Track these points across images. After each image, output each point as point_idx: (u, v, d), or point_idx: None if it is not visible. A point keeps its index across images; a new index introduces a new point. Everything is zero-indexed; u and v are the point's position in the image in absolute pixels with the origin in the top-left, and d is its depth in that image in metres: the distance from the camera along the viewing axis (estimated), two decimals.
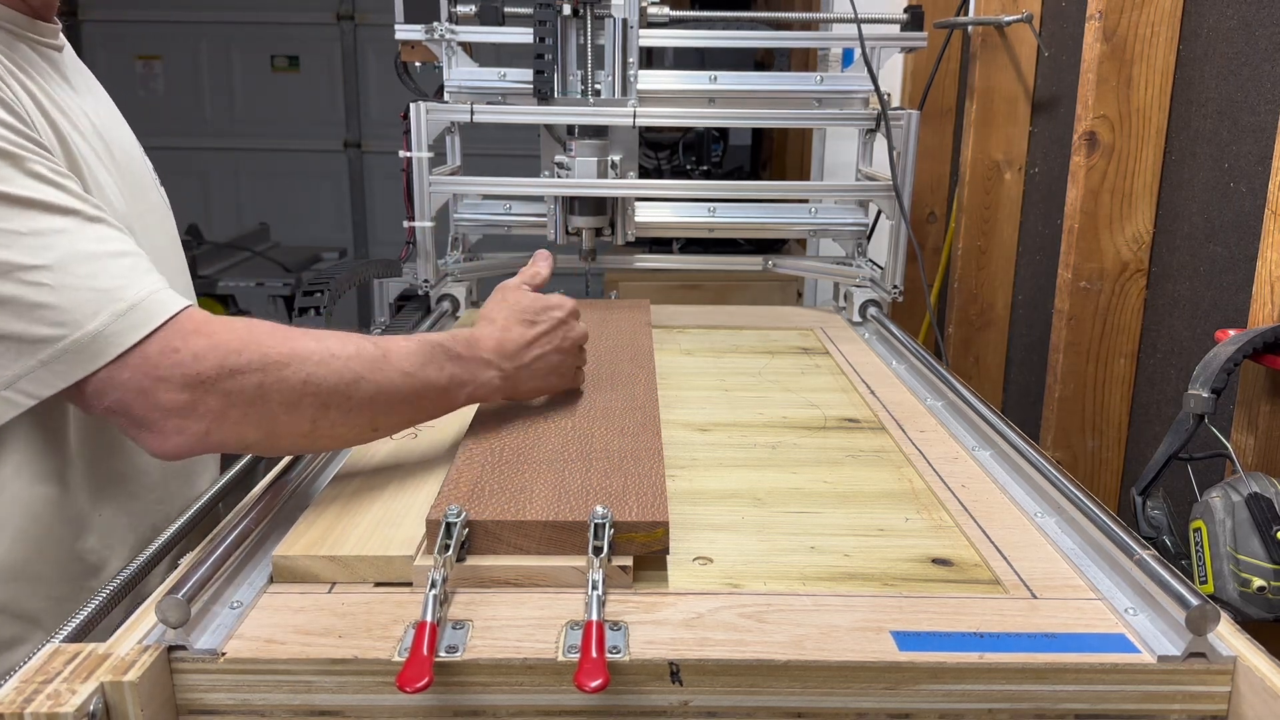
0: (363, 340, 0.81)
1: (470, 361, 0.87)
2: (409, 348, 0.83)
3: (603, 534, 0.70)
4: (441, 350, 0.85)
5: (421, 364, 0.83)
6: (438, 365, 0.84)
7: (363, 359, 0.79)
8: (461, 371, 0.86)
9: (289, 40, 4.92)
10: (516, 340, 0.92)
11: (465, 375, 0.86)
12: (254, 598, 0.69)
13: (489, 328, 0.92)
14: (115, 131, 1.03)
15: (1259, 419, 0.99)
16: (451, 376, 0.85)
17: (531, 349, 0.92)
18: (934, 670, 0.62)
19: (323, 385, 0.76)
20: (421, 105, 1.46)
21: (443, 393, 0.85)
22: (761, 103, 1.63)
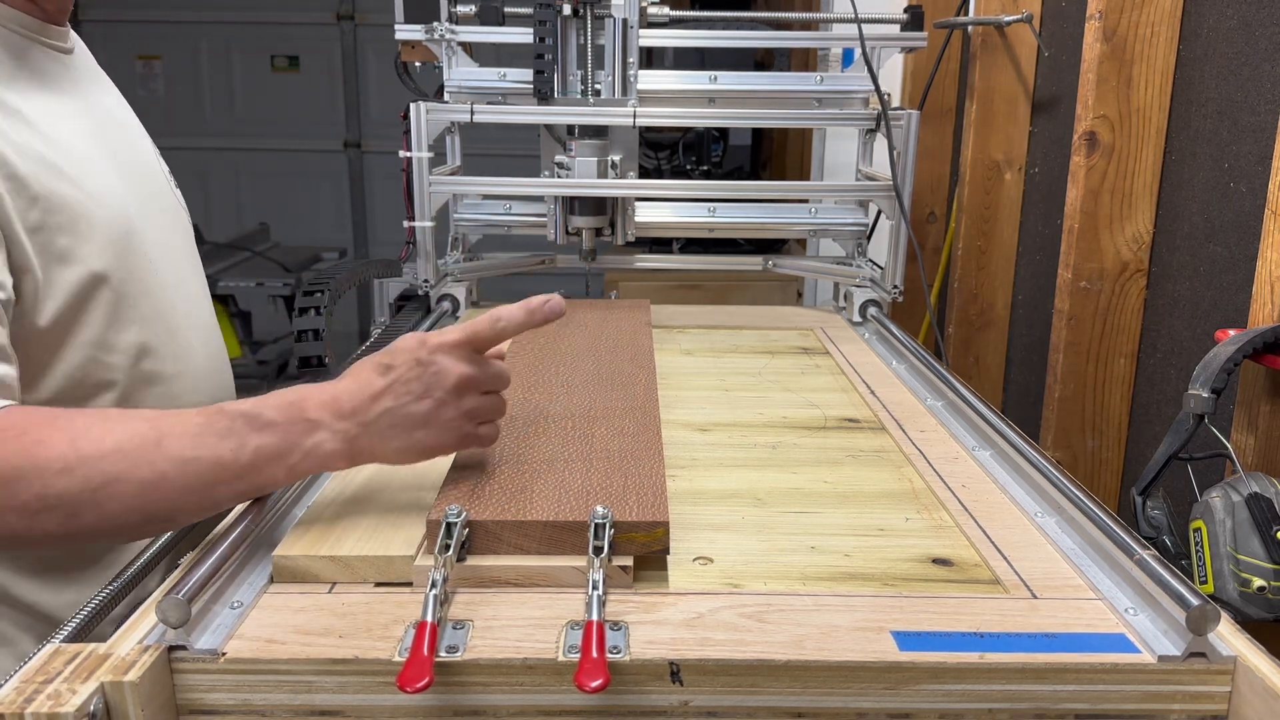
0: (138, 426, 0.72)
1: (287, 427, 0.72)
2: (192, 426, 0.72)
3: (603, 534, 0.70)
4: (243, 421, 0.72)
5: (208, 444, 0.71)
6: (235, 440, 0.71)
7: (124, 453, 0.70)
8: (274, 441, 0.72)
9: (289, 40, 4.92)
10: (359, 393, 0.74)
11: (280, 445, 0.72)
12: (254, 598, 0.69)
13: (336, 382, 0.77)
14: (124, 132, 1.03)
15: (1259, 419, 0.99)
16: (258, 450, 0.71)
17: (380, 401, 0.74)
18: (934, 670, 0.62)
19: (65, 495, 0.69)
20: (421, 105, 1.46)
21: (249, 470, 0.71)
22: (761, 103, 1.63)
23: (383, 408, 0.74)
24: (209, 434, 0.71)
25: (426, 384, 0.74)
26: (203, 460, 0.71)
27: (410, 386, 0.74)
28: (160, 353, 0.95)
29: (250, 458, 0.71)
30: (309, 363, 1.05)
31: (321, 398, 0.74)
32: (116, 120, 1.03)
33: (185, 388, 0.97)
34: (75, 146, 0.91)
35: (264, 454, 0.72)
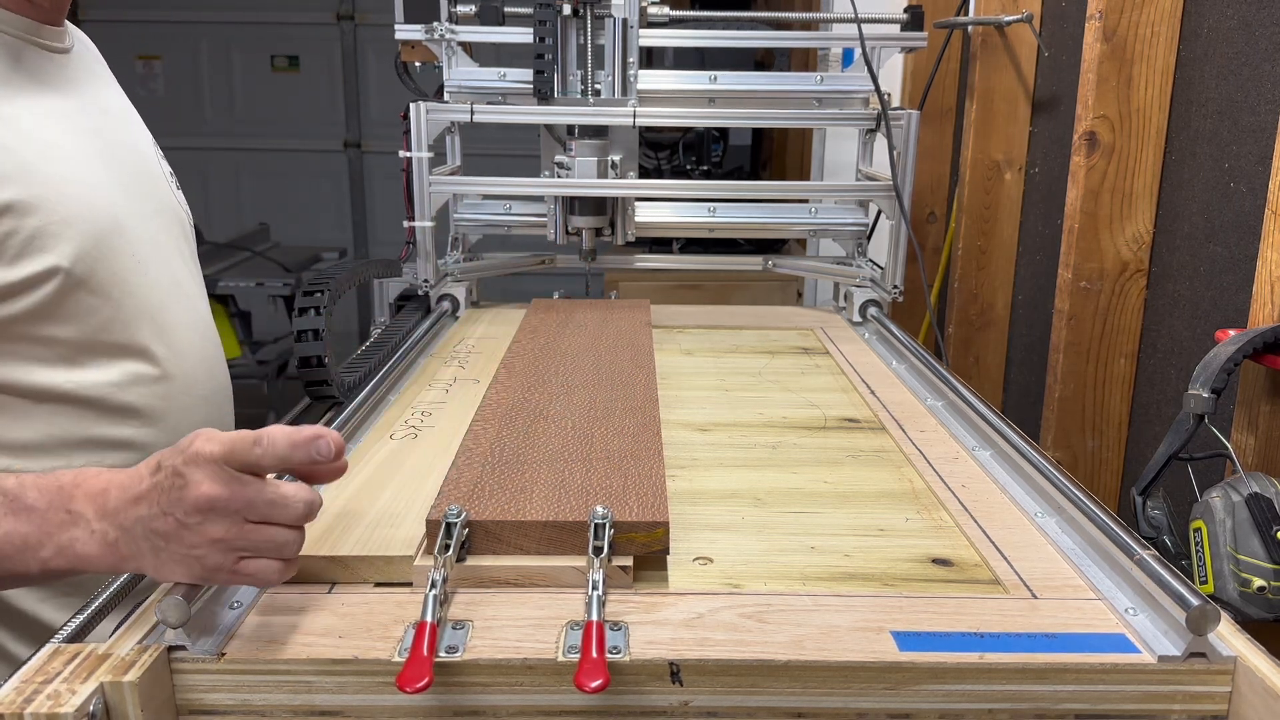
0: None
1: (45, 514, 0.65)
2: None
3: (603, 534, 0.70)
4: (3, 499, 0.66)
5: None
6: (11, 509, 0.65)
7: None
8: (27, 530, 0.65)
9: (289, 40, 4.91)
10: (126, 490, 0.65)
11: (33, 535, 0.65)
12: (254, 598, 0.69)
13: (120, 471, 0.68)
14: (122, 131, 1.03)
15: (1259, 419, 0.99)
16: (7, 536, 0.65)
17: (138, 506, 0.64)
18: (934, 670, 0.62)
19: None
20: (421, 105, 1.46)
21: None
22: (761, 103, 1.63)
23: (137, 515, 0.64)
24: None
25: (171, 498, 0.63)
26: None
27: (161, 497, 0.63)
28: (148, 353, 0.94)
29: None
30: (309, 363, 1.05)
31: (94, 487, 0.66)
32: (114, 119, 1.02)
33: (177, 388, 0.97)
34: (60, 145, 0.90)
35: (13, 541, 0.65)
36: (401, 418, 1.05)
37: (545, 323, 1.37)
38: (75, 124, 0.94)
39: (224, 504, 0.62)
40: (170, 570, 0.64)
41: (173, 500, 0.62)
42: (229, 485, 0.62)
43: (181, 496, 0.62)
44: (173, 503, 0.62)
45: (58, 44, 0.96)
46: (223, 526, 0.62)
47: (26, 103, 0.89)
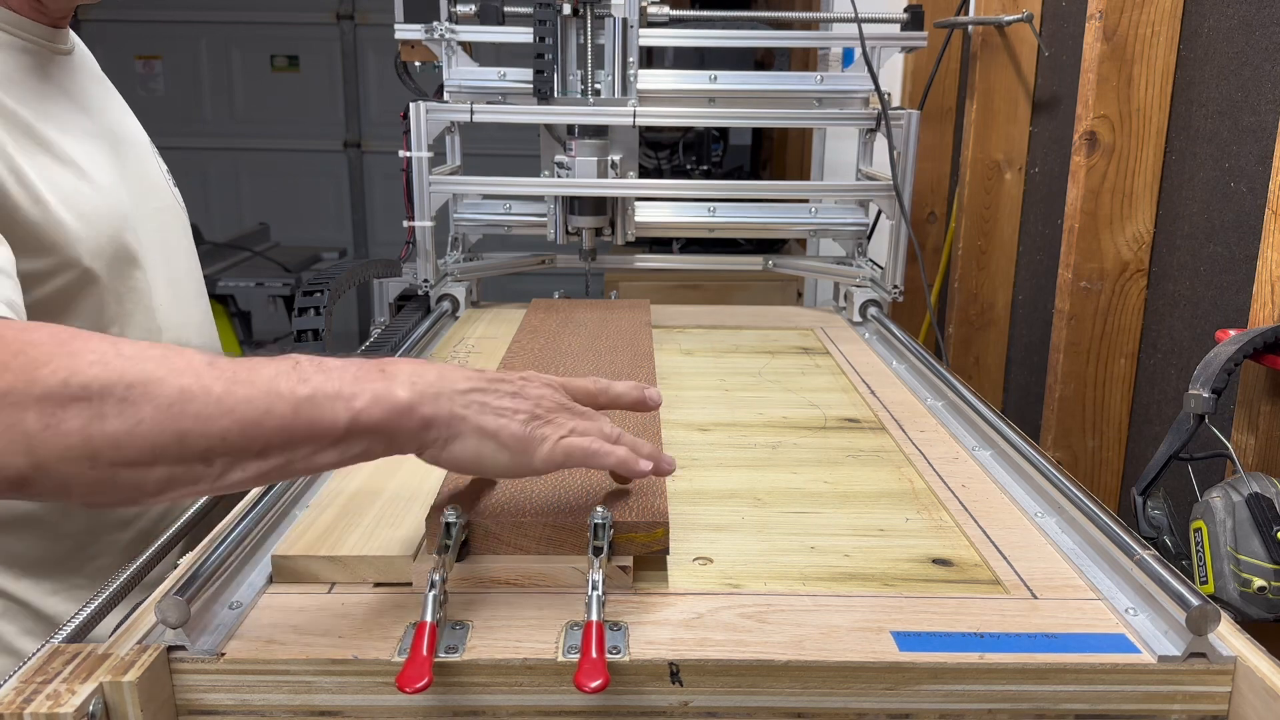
0: (190, 351, 0.64)
1: (358, 371, 0.64)
2: (249, 359, 0.65)
3: (603, 534, 0.70)
4: (308, 360, 0.65)
5: (265, 371, 0.63)
6: (296, 374, 0.63)
7: (169, 360, 0.61)
8: (340, 380, 0.63)
9: (289, 40, 4.91)
10: (446, 371, 0.68)
11: (345, 384, 0.63)
12: (254, 598, 0.69)
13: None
14: (124, 130, 1.03)
15: (1259, 419, 0.99)
16: (320, 385, 0.63)
17: (461, 381, 0.68)
18: (934, 670, 0.62)
19: (92, 385, 0.58)
20: (421, 105, 1.46)
21: (306, 404, 0.61)
22: (761, 102, 1.63)
23: (469, 386, 0.67)
24: (268, 364, 0.63)
25: (500, 378, 0.70)
26: (255, 383, 0.61)
27: (488, 381, 0.69)
28: None
29: (310, 391, 0.62)
30: None
31: (401, 363, 0.67)
32: (116, 119, 1.03)
33: None
34: (81, 151, 0.91)
35: (326, 390, 0.62)
36: None
37: (545, 323, 1.37)
38: (88, 128, 0.95)
39: (558, 387, 0.72)
40: (477, 420, 0.66)
41: (502, 379, 0.69)
42: (561, 390, 0.72)
43: (512, 378, 0.70)
44: (502, 380, 0.69)
45: (63, 46, 0.96)
46: (554, 398, 0.71)
47: (55, 116, 0.90)
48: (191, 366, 0.61)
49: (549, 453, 0.68)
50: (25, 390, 0.57)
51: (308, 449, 0.62)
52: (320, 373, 0.63)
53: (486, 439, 0.66)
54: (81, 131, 0.94)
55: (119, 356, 0.60)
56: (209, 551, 0.69)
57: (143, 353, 0.61)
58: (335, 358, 0.66)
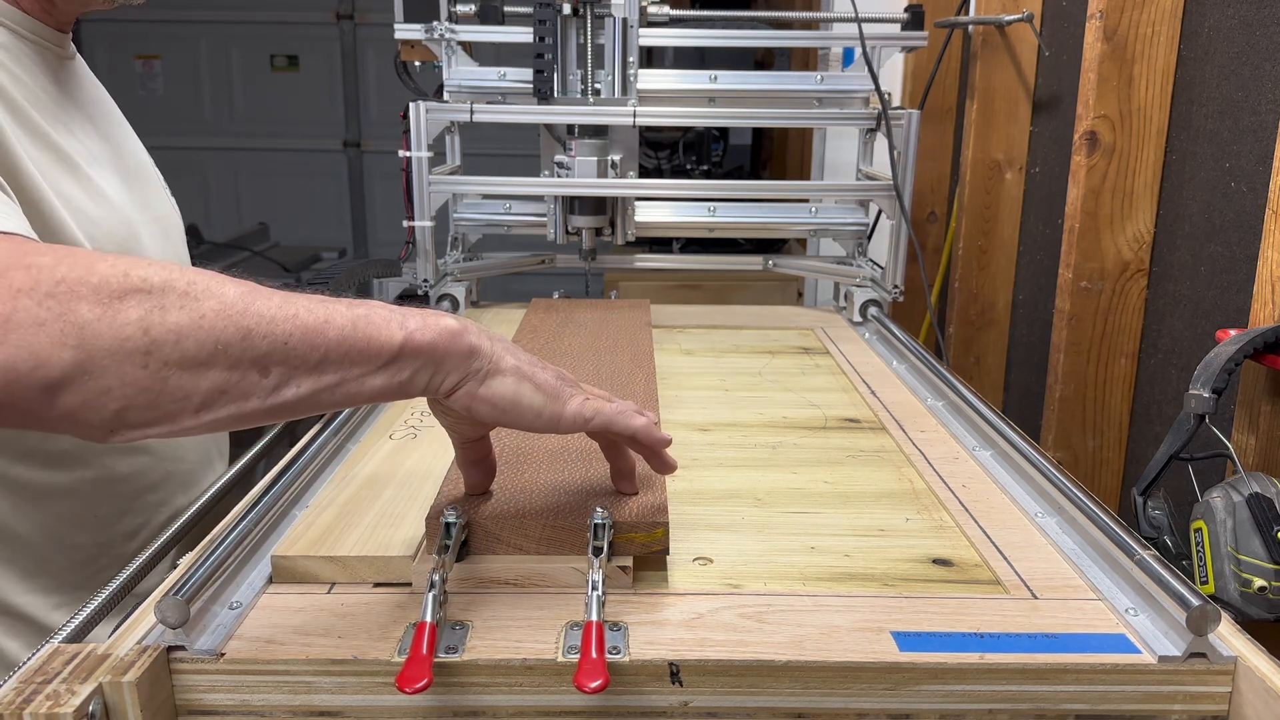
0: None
1: (411, 310, 0.66)
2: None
3: (603, 534, 0.70)
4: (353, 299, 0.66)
5: (317, 296, 0.63)
6: (349, 300, 0.64)
7: (223, 275, 0.61)
8: (384, 308, 0.64)
9: (289, 40, 4.91)
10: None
11: (398, 313, 0.64)
12: (253, 598, 0.69)
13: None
14: (122, 137, 1.03)
15: (1260, 419, 0.99)
16: (371, 309, 0.63)
17: (507, 342, 0.70)
18: (934, 671, 0.62)
19: (151, 280, 0.56)
20: (421, 105, 1.46)
21: (361, 321, 0.61)
22: (761, 102, 1.63)
23: (504, 340, 0.69)
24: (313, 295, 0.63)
25: (542, 363, 0.71)
26: (312, 299, 0.61)
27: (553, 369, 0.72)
28: None
29: (365, 310, 0.62)
30: None
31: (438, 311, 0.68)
32: (117, 127, 1.03)
33: None
34: (96, 167, 0.92)
35: (380, 311, 0.63)
36: (401, 418, 1.05)
37: (545, 323, 1.37)
38: (94, 138, 0.96)
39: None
40: (515, 362, 0.67)
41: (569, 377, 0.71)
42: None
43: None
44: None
45: (67, 51, 0.96)
46: (574, 380, 0.72)
47: (67, 125, 0.90)
48: (246, 281, 0.60)
49: (580, 406, 0.69)
50: (81, 279, 0.54)
51: (360, 369, 0.61)
52: (368, 303, 0.63)
53: (524, 380, 0.66)
54: (91, 141, 0.93)
55: (177, 265, 0.58)
56: (209, 551, 0.69)
57: (198, 270, 0.60)
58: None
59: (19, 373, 0.52)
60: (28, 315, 0.52)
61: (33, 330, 0.52)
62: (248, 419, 0.60)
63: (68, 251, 0.57)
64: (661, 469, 0.76)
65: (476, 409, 0.66)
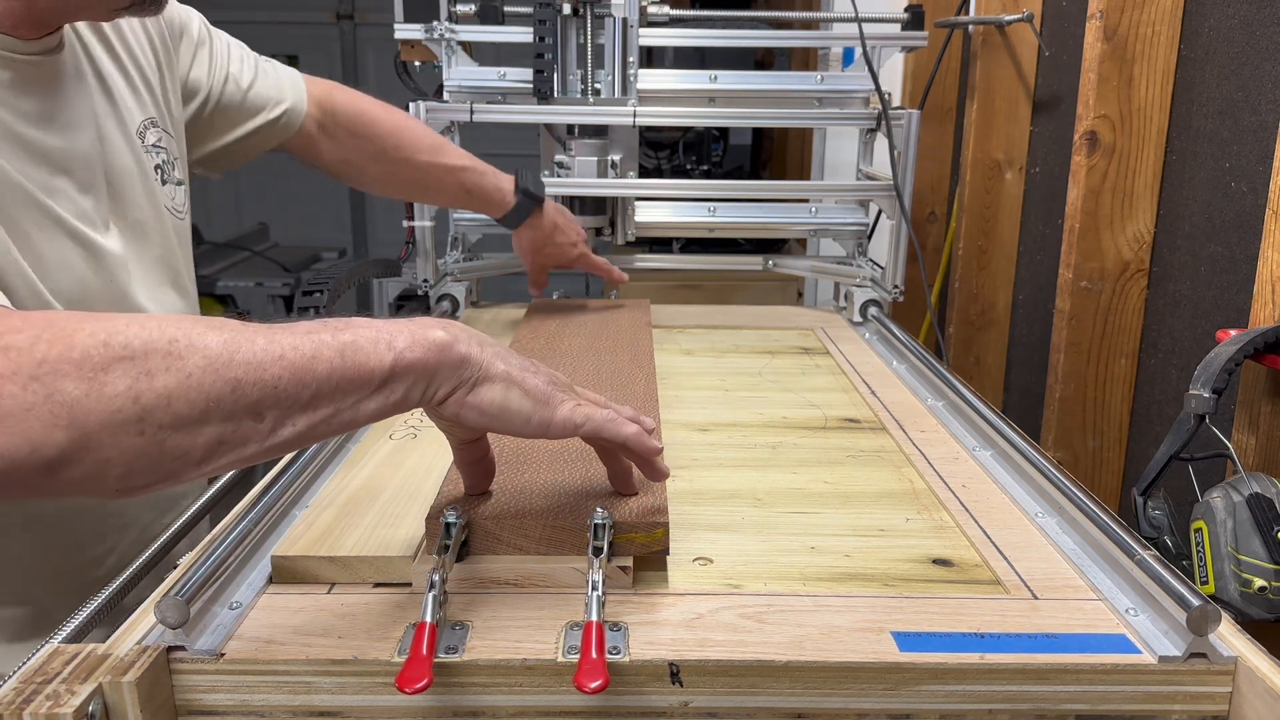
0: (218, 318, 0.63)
1: (380, 323, 0.65)
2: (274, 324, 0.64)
3: (603, 534, 0.70)
4: (337, 320, 0.65)
5: (301, 327, 0.63)
6: (333, 327, 0.63)
7: (202, 320, 0.60)
8: (377, 330, 0.63)
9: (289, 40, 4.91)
10: (473, 333, 0.69)
11: (384, 332, 0.63)
12: (253, 598, 0.69)
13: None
14: (113, 154, 0.97)
15: (1260, 419, 0.99)
16: (357, 334, 0.62)
17: (496, 346, 0.69)
18: (935, 671, 0.62)
19: (133, 344, 0.55)
20: (421, 105, 1.46)
21: (349, 349, 0.61)
22: (761, 102, 1.63)
23: (493, 343, 0.69)
24: (297, 325, 0.63)
25: (534, 366, 0.71)
26: (296, 333, 0.61)
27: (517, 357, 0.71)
28: None
29: (351, 337, 0.62)
30: None
31: (425, 318, 0.68)
32: (108, 135, 0.97)
33: None
34: (86, 213, 0.89)
35: (366, 335, 0.62)
36: (401, 418, 1.05)
37: (545, 323, 1.37)
38: (84, 169, 0.94)
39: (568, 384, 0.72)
40: (505, 368, 0.67)
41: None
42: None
43: (526, 361, 0.70)
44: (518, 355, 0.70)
45: (52, 44, 0.90)
46: (567, 383, 0.71)
47: (52, 162, 0.87)
48: (227, 323, 0.59)
49: (570, 413, 0.69)
50: (62, 355, 0.53)
51: (353, 397, 0.61)
52: (353, 326, 0.63)
53: (513, 386, 0.66)
54: (78, 175, 0.88)
55: (153, 319, 0.58)
56: (209, 552, 0.69)
57: (176, 317, 0.59)
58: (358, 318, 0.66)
59: (17, 459, 0.52)
60: (14, 402, 0.52)
61: (22, 416, 0.52)
62: (249, 461, 0.60)
63: (43, 324, 0.56)
64: (653, 476, 0.76)
65: (465, 416, 0.66)
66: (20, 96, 0.82)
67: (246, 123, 1.15)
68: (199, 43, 1.09)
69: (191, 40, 1.08)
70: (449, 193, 1.34)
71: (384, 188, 1.33)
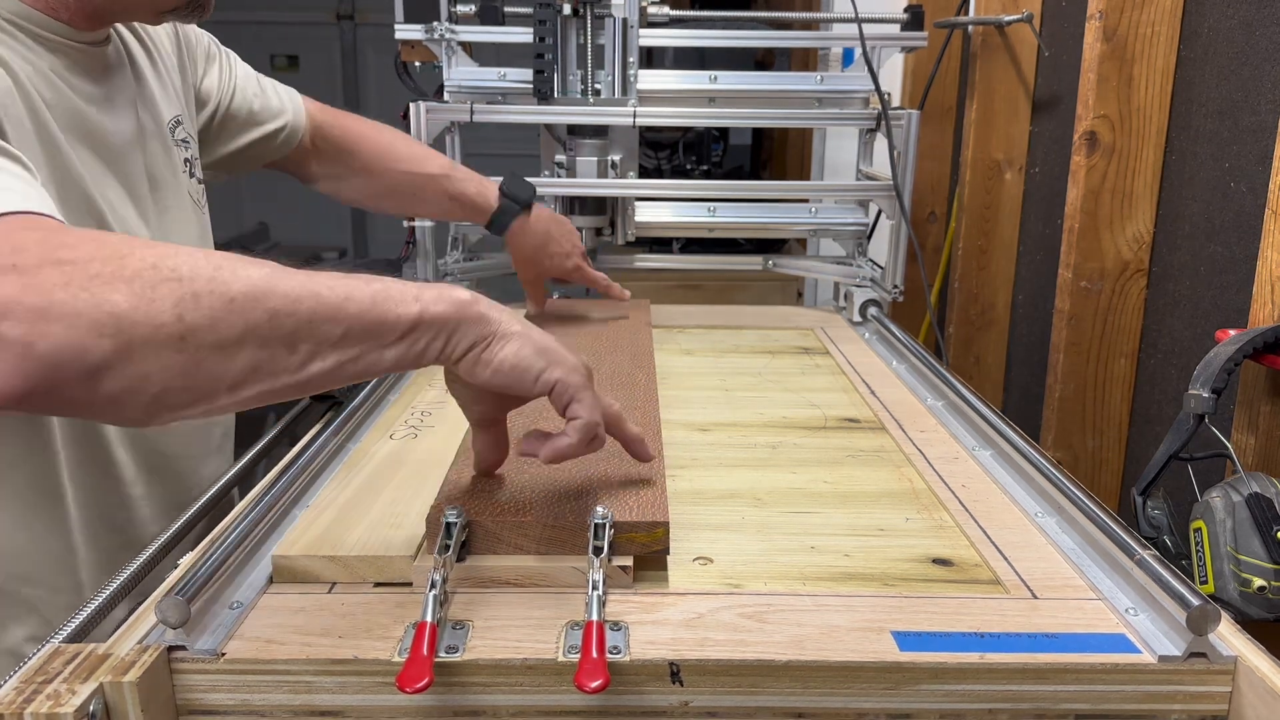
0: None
1: (424, 284, 0.69)
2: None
3: (603, 534, 0.70)
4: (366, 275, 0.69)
5: (333, 273, 0.66)
6: (364, 277, 0.67)
7: (244, 257, 0.63)
8: (398, 284, 0.67)
9: (289, 40, 4.92)
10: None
11: (412, 287, 0.67)
12: (254, 598, 0.69)
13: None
14: (152, 161, 1.00)
15: (1259, 419, 0.99)
16: (387, 285, 0.66)
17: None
18: (935, 670, 0.62)
19: (181, 268, 0.59)
20: (421, 105, 1.46)
21: (380, 297, 0.65)
22: (761, 102, 1.63)
23: (522, 319, 0.72)
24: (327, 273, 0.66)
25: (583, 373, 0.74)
26: (331, 276, 0.65)
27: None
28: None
29: (381, 286, 0.66)
30: None
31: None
32: (150, 135, 1.01)
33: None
34: (126, 218, 0.94)
35: (395, 286, 0.66)
36: (401, 418, 1.05)
37: (545, 323, 1.37)
38: (129, 174, 0.97)
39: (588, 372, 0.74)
40: (521, 328, 0.70)
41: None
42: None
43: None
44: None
45: (101, 36, 0.93)
46: (582, 364, 0.73)
47: (100, 160, 0.92)
48: (267, 262, 0.63)
49: (565, 375, 0.71)
50: (115, 272, 0.57)
51: (379, 341, 0.64)
52: (383, 280, 0.67)
53: (527, 343, 0.70)
54: (123, 159, 0.93)
55: (200, 251, 0.61)
56: (209, 551, 0.69)
57: (221, 253, 0.63)
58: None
59: (63, 360, 0.55)
60: (66, 308, 0.55)
61: (73, 320, 0.55)
62: (278, 394, 0.63)
63: (97, 242, 0.59)
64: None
65: (479, 373, 0.69)
66: (78, 78, 0.88)
67: (248, 133, 1.20)
68: (210, 58, 1.17)
69: (204, 52, 1.16)
70: (434, 202, 1.36)
71: (374, 201, 1.36)
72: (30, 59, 0.84)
